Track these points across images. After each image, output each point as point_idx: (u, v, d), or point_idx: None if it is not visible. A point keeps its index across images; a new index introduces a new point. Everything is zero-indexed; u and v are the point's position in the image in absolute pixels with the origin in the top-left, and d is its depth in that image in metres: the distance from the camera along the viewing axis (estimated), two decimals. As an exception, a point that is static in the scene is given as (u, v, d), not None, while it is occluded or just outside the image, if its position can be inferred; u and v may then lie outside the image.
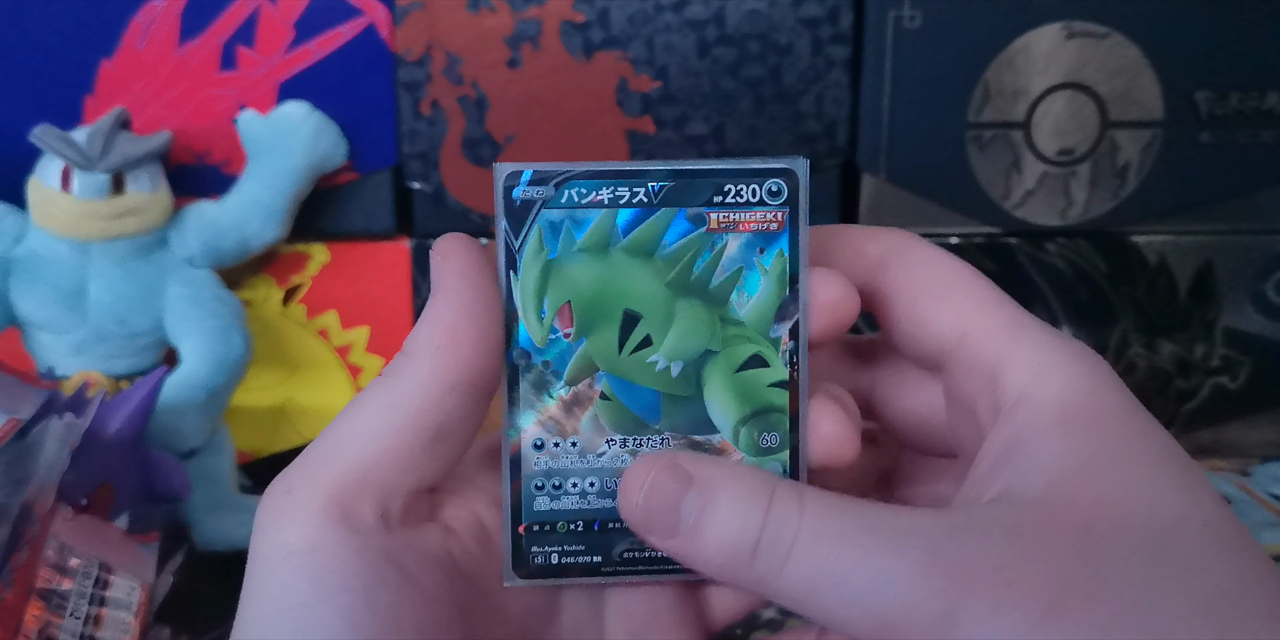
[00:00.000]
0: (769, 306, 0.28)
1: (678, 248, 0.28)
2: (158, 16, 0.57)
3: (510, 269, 0.28)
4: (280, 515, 0.26)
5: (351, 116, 0.58)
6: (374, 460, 0.26)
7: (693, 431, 0.28)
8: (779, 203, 0.28)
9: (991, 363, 0.27)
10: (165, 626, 0.45)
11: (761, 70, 0.58)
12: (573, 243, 0.28)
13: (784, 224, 0.28)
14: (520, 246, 0.28)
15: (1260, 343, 0.62)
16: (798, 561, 0.24)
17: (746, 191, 0.28)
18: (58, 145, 0.53)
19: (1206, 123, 0.59)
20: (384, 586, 0.25)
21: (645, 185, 0.28)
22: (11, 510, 0.39)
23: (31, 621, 0.38)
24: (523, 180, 0.28)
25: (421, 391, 0.26)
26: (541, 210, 0.28)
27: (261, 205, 0.56)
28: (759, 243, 0.28)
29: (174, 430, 0.52)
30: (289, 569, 0.25)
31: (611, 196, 0.28)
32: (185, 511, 0.54)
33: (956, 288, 0.28)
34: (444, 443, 0.27)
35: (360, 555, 0.25)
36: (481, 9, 0.57)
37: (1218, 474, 0.62)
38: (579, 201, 0.28)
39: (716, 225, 0.28)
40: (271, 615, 0.25)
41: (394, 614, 0.25)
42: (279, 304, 0.61)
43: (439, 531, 0.27)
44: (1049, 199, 0.60)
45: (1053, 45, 0.57)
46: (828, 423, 0.28)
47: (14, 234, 0.55)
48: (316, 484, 0.26)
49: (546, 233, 0.28)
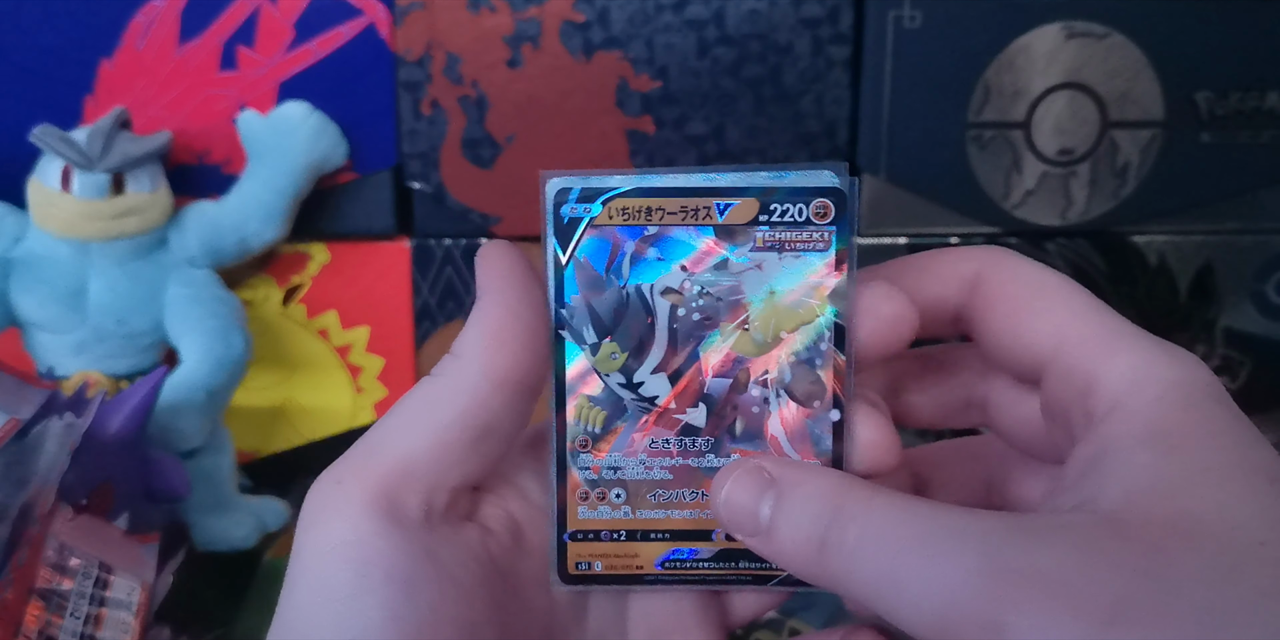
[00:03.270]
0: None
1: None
2: (158, 16, 0.57)
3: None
4: (328, 506, 0.26)
5: (351, 116, 0.58)
6: (421, 455, 0.27)
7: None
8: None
9: (1086, 373, 0.27)
10: (165, 626, 0.45)
11: (761, 70, 0.58)
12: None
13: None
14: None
15: (1260, 343, 0.62)
16: (863, 560, 0.25)
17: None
18: (58, 145, 0.53)
19: (1206, 123, 0.59)
20: (426, 582, 0.25)
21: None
22: (11, 510, 0.39)
23: (31, 621, 0.38)
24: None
25: (470, 390, 0.27)
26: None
27: (261, 205, 0.56)
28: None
29: (174, 430, 0.52)
30: (334, 561, 0.25)
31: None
32: (185, 511, 0.54)
33: (1052, 298, 0.28)
34: (489, 440, 0.27)
35: (404, 550, 0.26)
36: (481, 9, 0.57)
37: (1218, 474, 0.62)
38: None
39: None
40: (314, 606, 0.25)
41: (435, 610, 0.25)
42: (279, 304, 0.61)
43: (478, 530, 0.28)
44: (1049, 199, 0.60)
45: (1053, 45, 0.57)
46: (869, 430, 0.29)
47: (14, 234, 0.55)
48: (365, 477, 0.26)
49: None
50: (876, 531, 0.25)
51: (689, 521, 0.29)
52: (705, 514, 0.29)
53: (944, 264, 0.30)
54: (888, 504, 0.25)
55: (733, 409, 0.29)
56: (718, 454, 0.29)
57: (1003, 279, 0.29)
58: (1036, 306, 0.28)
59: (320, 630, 0.25)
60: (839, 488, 0.26)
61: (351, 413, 0.62)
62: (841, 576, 0.25)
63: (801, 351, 0.28)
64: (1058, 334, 0.28)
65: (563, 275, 0.28)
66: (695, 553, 0.29)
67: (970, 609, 0.23)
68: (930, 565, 0.24)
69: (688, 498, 0.29)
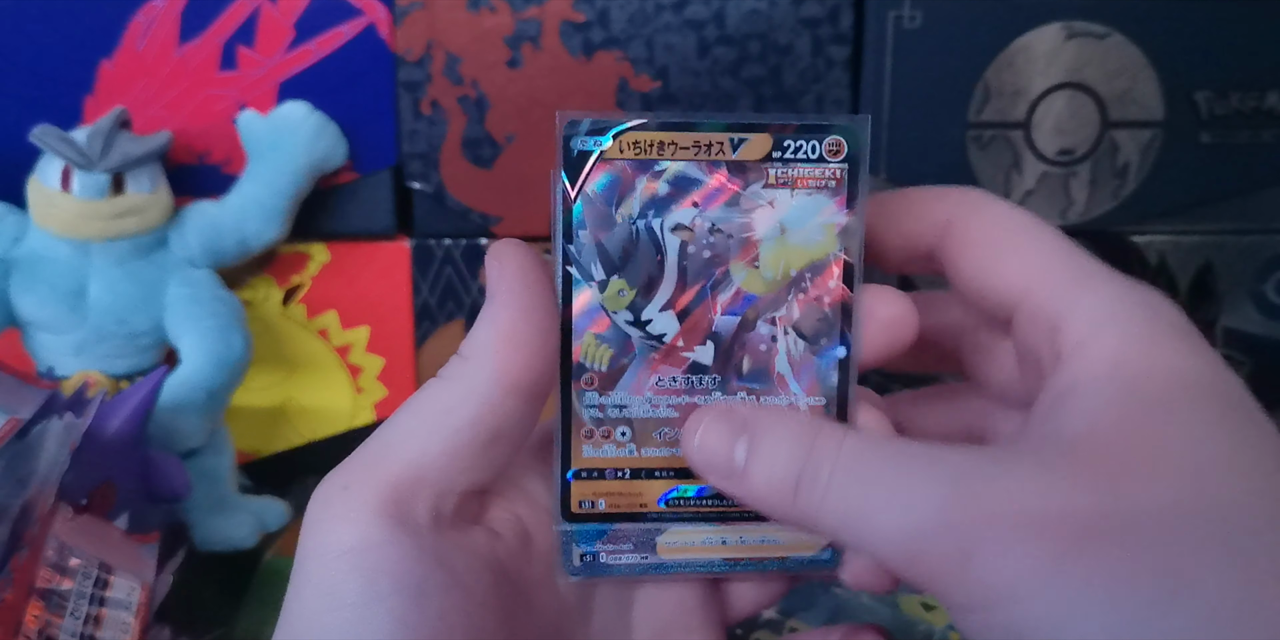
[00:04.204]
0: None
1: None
2: (158, 16, 0.57)
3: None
4: (335, 512, 0.26)
5: (351, 116, 0.58)
6: (431, 460, 0.26)
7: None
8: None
9: (1053, 313, 0.27)
10: (165, 626, 0.45)
11: (761, 70, 0.58)
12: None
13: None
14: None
15: (1260, 343, 0.62)
16: (835, 497, 0.25)
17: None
18: (58, 145, 0.53)
19: (1206, 123, 0.59)
20: (435, 589, 0.25)
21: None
22: (11, 510, 0.39)
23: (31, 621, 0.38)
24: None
25: (480, 394, 0.27)
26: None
27: (261, 205, 0.56)
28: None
29: (174, 430, 0.52)
30: (342, 567, 0.25)
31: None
32: (185, 511, 0.54)
33: (1022, 240, 0.28)
34: (499, 445, 0.27)
35: (413, 556, 0.25)
36: (481, 9, 0.57)
37: (1218, 474, 0.62)
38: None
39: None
40: (321, 613, 0.25)
41: (444, 617, 0.25)
42: (279, 304, 0.61)
43: (485, 534, 0.28)
44: (1049, 199, 0.60)
45: (1053, 45, 0.57)
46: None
47: (14, 234, 0.55)
48: (373, 482, 0.26)
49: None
50: (848, 468, 0.25)
51: None
52: None
53: (920, 203, 0.30)
54: (859, 441, 0.26)
55: (740, 347, 0.29)
56: (724, 392, 0.29)
57: (975, 221, 0.29)
58: (1006, 248, 0.28)
59: (329, 634, 0.24)
60: (811, 429, 0.26)
61: (351, 413, 0.62)
62: (815, 514, 0.25)
63: (810, 289, 0.28)
64: (1027, 275, 0.28)
65: (571, 210, 0.28)
66: (700, 490, 0.29)
67: (938, 540, 0.23)
68: (899, 497, 0.24)
69: None
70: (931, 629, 0.48)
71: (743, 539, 0.29)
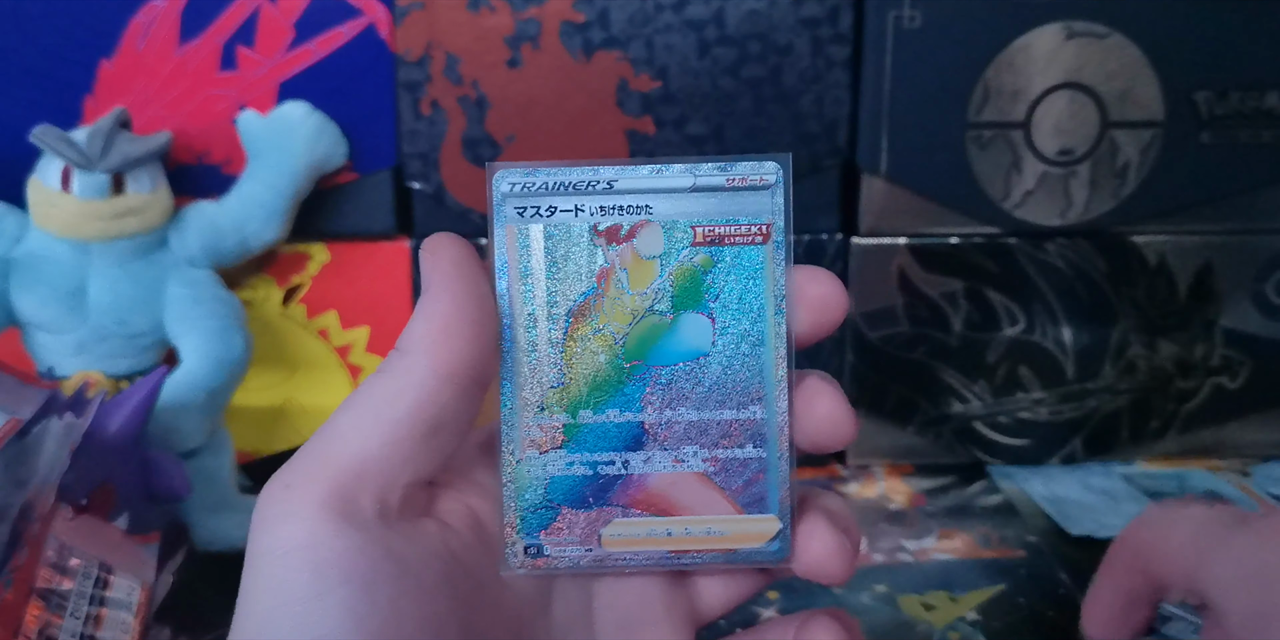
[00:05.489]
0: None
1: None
2: (158, 16, 0.57)
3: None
4: (280, 511, 0.26)
5: (351, 116, 0.58)
6: (372, 454, 0.26)
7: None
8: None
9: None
10: (165, 626, 0.45)
11: (761, 70, 0.58)
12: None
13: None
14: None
15: (1260, 343, 0.62)
16: None
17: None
18: (58, 145, 0.53)
19: (1206, 123, 0.59)
20: (385, 580, 0.25)
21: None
22: (11, 510, 0.39)
23: (31, 621, 0.38)
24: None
25: (417, 385, 0.27)
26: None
27: (261, 205, 0.56)
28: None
29: (174, 430, 0.52)
30: (290, 564, 0.25)
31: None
32: (185, 511, 0.54)
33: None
34: (440, 436, 0.27)
35: (361, 550, 0.25)
36: (481, 9, 0.57)
37: (1218, 474, 0.62)
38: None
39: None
40: (272, 611, 0.25)
41: (395, 608, 0.25)
42: (279, 304, 0.61)
43: (436, 525, 0.28)
44: (1049, 199, 0.60)
45: (1053, 45, 0.57)
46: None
47: (14, 234, 0.55)
48: (315, 479, 0.26)
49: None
50: None
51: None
52: None
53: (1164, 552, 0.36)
54: None
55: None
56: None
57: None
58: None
59: (280, 633, 0.24)
60: None
61: (351, 413, 0.62)
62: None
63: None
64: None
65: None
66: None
67: None
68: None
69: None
70: (931, 629, 0.48)
71: (688, 530, 0.29)
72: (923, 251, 0.60)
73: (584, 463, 0.29)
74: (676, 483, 0.29)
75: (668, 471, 0.29)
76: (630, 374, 0.29)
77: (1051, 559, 0.54)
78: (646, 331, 0.29)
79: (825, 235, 0.60)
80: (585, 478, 0.29)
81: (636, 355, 0.29)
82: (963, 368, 0.62)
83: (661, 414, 0.29)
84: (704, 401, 0.29)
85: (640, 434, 0.29)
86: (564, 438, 0.29)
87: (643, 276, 0.29)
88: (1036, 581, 0.52)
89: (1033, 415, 0.62)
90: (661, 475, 0.29)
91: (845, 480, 0.62)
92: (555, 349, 0.29)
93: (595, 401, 0.29)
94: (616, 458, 0.29)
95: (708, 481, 0.29)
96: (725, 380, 0.29)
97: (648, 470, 0.29)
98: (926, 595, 0.51)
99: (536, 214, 0.29)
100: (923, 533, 0.56)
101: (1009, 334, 0.61)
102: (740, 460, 0.29)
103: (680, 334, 0.29)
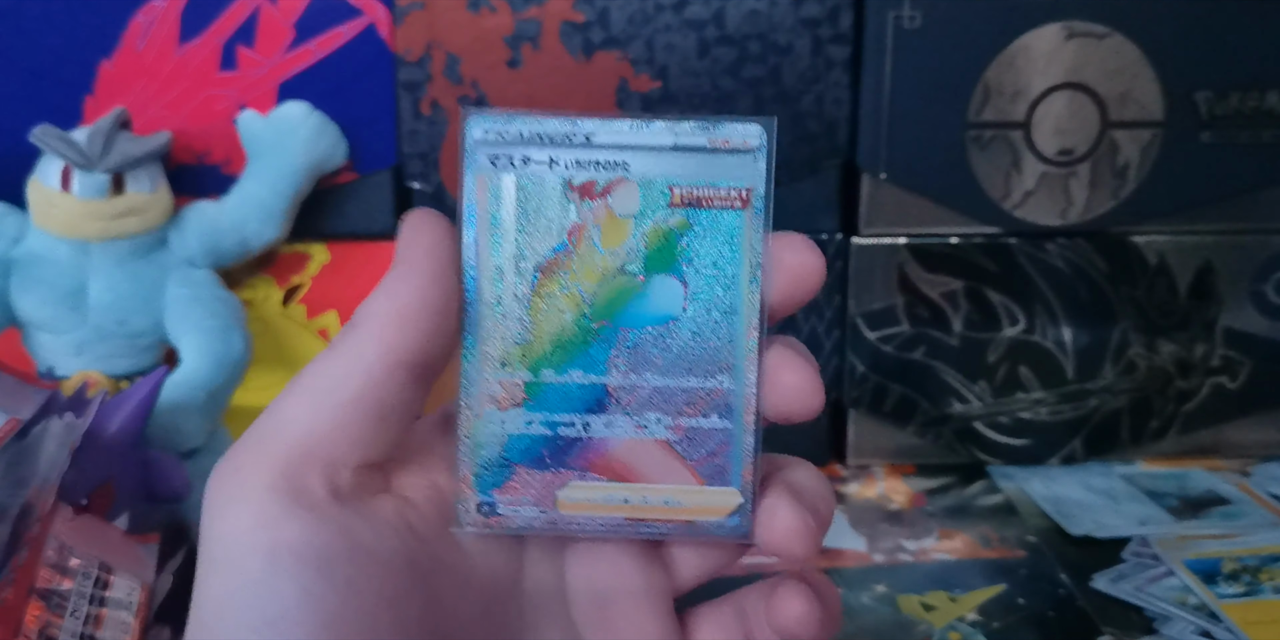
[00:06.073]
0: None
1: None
2: (158, 16, 0.57)
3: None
4: (230, 494, 0.26)
5: (351, 116, 0.58)
6: (319, 436, 0.26)
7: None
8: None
9: None
10: (165, 626, 0.45)
11: (761, 70, 0.58)
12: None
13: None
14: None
15: (1260, 343, 0.62)
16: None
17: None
18: (58, 145, 0.53)
19: (1206, 123, 0.59)
20: (340, 558, 0.25)
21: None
22: (11, 510, 0.39)
23: (31, 621, 0.38)
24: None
25: (365, 370, 0.26)
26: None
27: (261, 205, 0.56)
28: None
29: (174, 430, 0.52)
30: (242, 547, 0.25)
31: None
32: (185, 511, 0.54)
33: None
34: (388, 420, 0.27)
35: (313, 529, 0.25)
36: (481, 9, 0.57)
37: (1218, 474, 0.62)
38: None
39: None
40: (228, 594, 0.25)
41: (352, 586, 0.25)
42: (279, 304, 0.61)
43: (394, 501, 0.27)
44: (1049, 199, 0.60)
45: (1053, 45, 0.57)
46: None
47: (14, 234, 0.55)
48: (263, 461, 0.26)
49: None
50: None
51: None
52: None
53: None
54: None
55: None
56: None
57: None
58: None
59: (236, 614, 0.24)
60: None
61: (351, 413, 0.62)
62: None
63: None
64: None
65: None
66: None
67: None
68: None
69: None
70: (931, 629, 0.48)
71: (646, 498, 0.29)
72: (923, 251, 0.60)
73: (544, 422, 0.28)
74: (637, 449, 0.28)
75: (629, 437, 0.29)
76: (596, 335, 0.28)
77: (1051, 559, 0.54)
78: (616, 292, 0.28)
79: (825, 235, 0.60)
80: (544, 438, 0.29)
81: (604, 316, 0.28)
82: (963, 368, 0.62)
83: (626, 378, 0.28)
84: (671, 368, 0.28)
85: (603, 397, 0.28)
86: (525, 396, 0.28)
87: (616, 235, 0.28)
88: (1036, 581, 0.52)
89: (1033, 415, 0.62)
90: (623, 441, 0.28)
91: (845, 480, 0.62)
92: (521, 304, 0.28)
93: (559, 361, 0.28)
94: (577, 420, 0.28)
95: (670, 450, 0.29)
96: (694, 347, 0.28)
97: (609, 435, 0.28)
98: (926, 595, 0.51)
99: (509, 164, 0.28)
100: (923, 533, 0.56)
101: (1009, 334, 0.61)
102: (704, 430, 0.28)
103: (651, 297, 0.28)
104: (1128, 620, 0.48)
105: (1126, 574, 0.52)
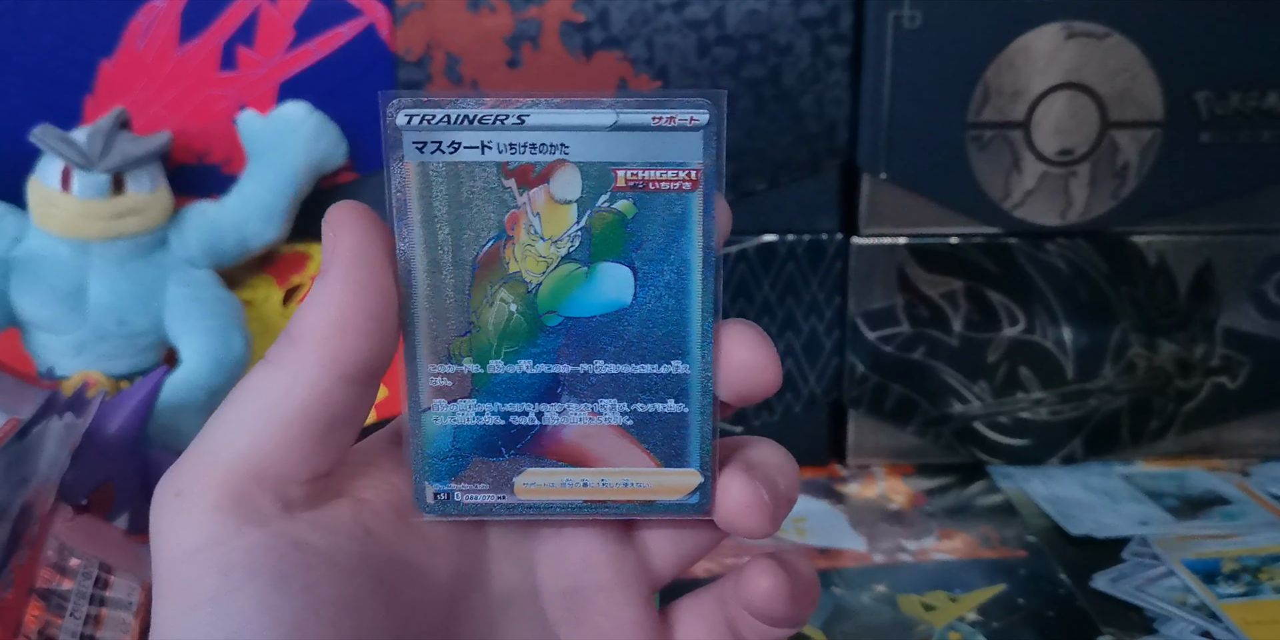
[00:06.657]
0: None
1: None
2: (158, 16, 0.57)
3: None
4: (174, 518, 0.25)
5: (351, 116, 0.58)
6: (265, 454, 0.25)
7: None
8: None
9: None
10: (165, 626, 0.45)
11: (761, 70, 0.58)
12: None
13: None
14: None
15: (1260, 343, 0.62)
16: None
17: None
18: (58, 145, 0.53)
19: (1206, 123, 0.59)
20: (295, 568, 0.25)
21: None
22: (11, 510, 0.39)
23: (31, 621, 0.38)
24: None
25: (308, 383, 0.25)
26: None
27: (261, 205, 0.56)
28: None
29: (174, 430, 0.52)
30: (194, 567, 0.24)
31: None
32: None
33: None
34: (335, 433, 0.26)
35: (265, 544, 0.25)
36: (481, 9, 0.57)
37: (1218, 474, 0.62)
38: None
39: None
40: (183, 614, 0.24)
41: (311, 594, 0.25)
42: (279, 304, 0.61)
43: (350, 503, 0.27)
44: (1049, 199, 0.60)
45: (1053, 45, 0.57)
46: (743, 350, 0.27)
47: (14, 234, 0.55)
48: (208, 484, 0.25)
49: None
50: None
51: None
52: None
53: None
54: None
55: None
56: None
57: None
58: None
59: (193, 633, 0.24)
60: None
61: (351, 413, 0.62)
62: None
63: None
64: None
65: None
66: None
67: None
68: None
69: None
70: (931, 629, 0.48)
71: (604, 481, 0.28)
72: (923, 251, 0.60)
73: (495, 413, 0.28)
74: (593, 435, 0.28)
75: (584, 424, 0.28)
76: (544, 325, 0.27)
77: (1051, 559, 0.54)
78: (561, 281, 0.27)
79: (825, 235, 0.60)
80: (496, 427, 0.28)
81: (550, 305, 0.27)
82: (963, 368, 0.62)
83: (578, 366, 0.27)
84: (623, 354, 0.27)
85: (555, 385, 0.28)
86: (473, 387, 0.28)
87: (557, 222, 0.27)
88: (1036, 581, 0.52)
89: (1033, 415, 0.62)
90: (578, 427, 0.28)
91: (845, 480, 0.62)
92: (461, 297, 0.27)
93: (506, 351, 0.27)
94: (530, 408, 0.28)
95: (626, 435, 0.28)
96: (646, 334, 0.27)
97: (563, 422, 0.28)
98: (926, 595, 0.51)
99: (438, 150, 0.26)
100: (923, 533, 0.56)
101: (1009, 334, 0.61)
102: (660, 414, 0.28)
103: (599, 285, 0.27)
104: (1128, 620, 0.48)
105: (1126, 574, 0.52)
